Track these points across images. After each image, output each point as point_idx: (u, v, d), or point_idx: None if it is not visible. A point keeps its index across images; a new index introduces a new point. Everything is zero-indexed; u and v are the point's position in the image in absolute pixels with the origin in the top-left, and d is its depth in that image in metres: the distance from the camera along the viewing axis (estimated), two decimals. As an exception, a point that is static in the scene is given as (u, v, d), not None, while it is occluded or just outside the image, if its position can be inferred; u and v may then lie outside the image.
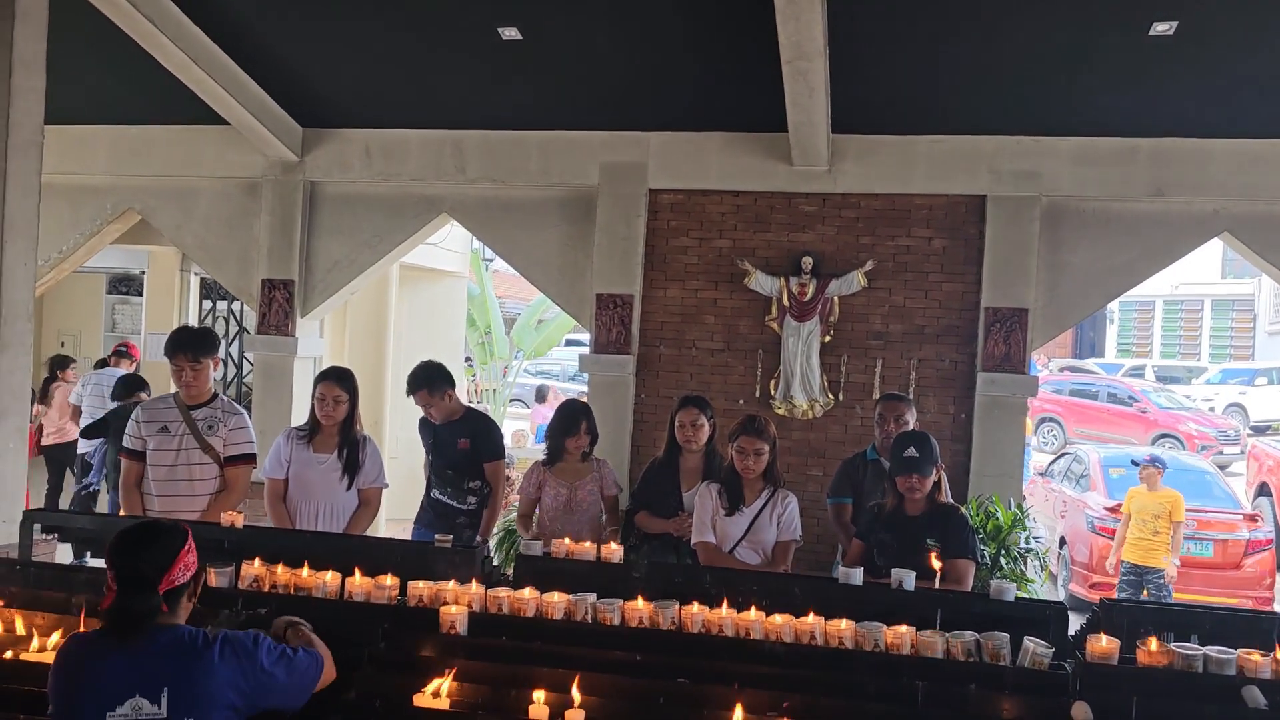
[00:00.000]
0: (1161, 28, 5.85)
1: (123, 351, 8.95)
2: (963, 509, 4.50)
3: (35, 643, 3.03)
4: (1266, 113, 6.63)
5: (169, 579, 2.43)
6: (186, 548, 2.50)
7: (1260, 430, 18.85)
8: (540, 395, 14.38)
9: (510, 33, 6.51)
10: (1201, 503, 9.07)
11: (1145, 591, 7.67)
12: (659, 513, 4.85)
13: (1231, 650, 2.89)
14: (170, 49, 6.76)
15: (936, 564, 3.81)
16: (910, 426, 5.00)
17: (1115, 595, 7.35)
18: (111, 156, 8.45)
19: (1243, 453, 16.25)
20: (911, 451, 4.16)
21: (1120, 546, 8.04)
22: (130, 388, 7.32)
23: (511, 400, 16.56)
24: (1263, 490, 12.14)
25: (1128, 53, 6.19)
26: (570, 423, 5.04)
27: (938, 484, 4.24)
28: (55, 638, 2.98)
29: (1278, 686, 2.80)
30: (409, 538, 5.31)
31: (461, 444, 5.26)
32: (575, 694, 2.70)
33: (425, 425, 5.45)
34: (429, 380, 5.26)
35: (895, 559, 3.80)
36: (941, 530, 4.14)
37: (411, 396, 5.31)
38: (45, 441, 8.78)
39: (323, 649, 2.73)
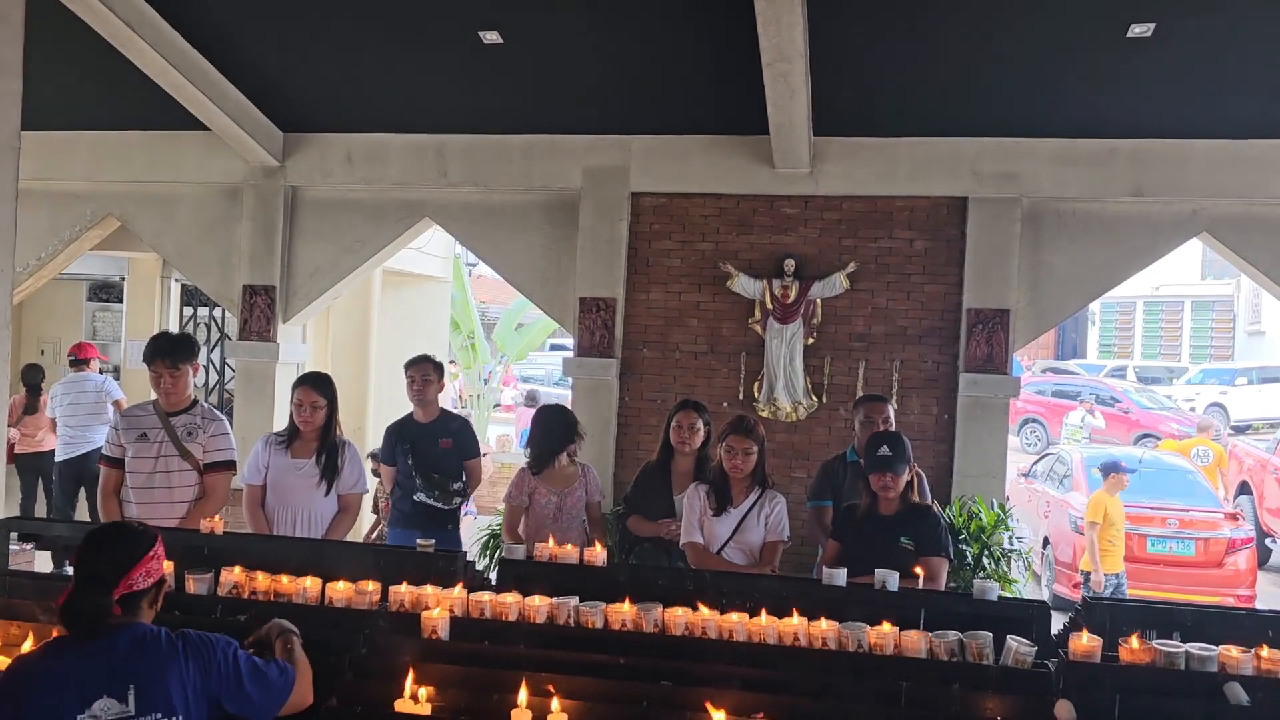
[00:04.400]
0: (1139, 29, 5.89)
1: (83, 359, 8.86)
2: (935, 506, 4.52)
3: (11, 653, 2.99)
4: (1244, 113, 6.68)
5: (127, 582, 2.39)
6: (152, 554, 2.45)
7: (1240, 429, 18.99)
8: (531, 399, 14.37)
9: (491, 37, 6.50)
10: (1183, 502, 9.14)
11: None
12: (650, 516, 4.85)
13: (1213, 647, 2.91)
14: (149, 54, 6.70)
15: (918, 570, 3.82)
16: (889, 426, 5.02)
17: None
18: (91, 162, 8.37)
19: (1224, 452, 16.37)
20: (885, 450, 4.18)
21: (1101, 557, 7.96)
22: None
23: (495, 405, 16.51)
24: (1243, 489, 12.22)
25: (1106, 54, 6.22)
26: (566, 432, 4.99)
27: (911, 483, 4.25)
28: (28, 646, 2.94)
29: (1259, 682, 2.82)
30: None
31: (444, 444, 5.31)
32: (554, 701, 2.68)
33: (400, 430, 5.43)
34: (433, 362, 5.41)
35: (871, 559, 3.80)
36: (915, 529, 4.16)
37: (417, 373, 5.32)
38: (20, 450, 8.69)
39: (304, 668, 2.67)
